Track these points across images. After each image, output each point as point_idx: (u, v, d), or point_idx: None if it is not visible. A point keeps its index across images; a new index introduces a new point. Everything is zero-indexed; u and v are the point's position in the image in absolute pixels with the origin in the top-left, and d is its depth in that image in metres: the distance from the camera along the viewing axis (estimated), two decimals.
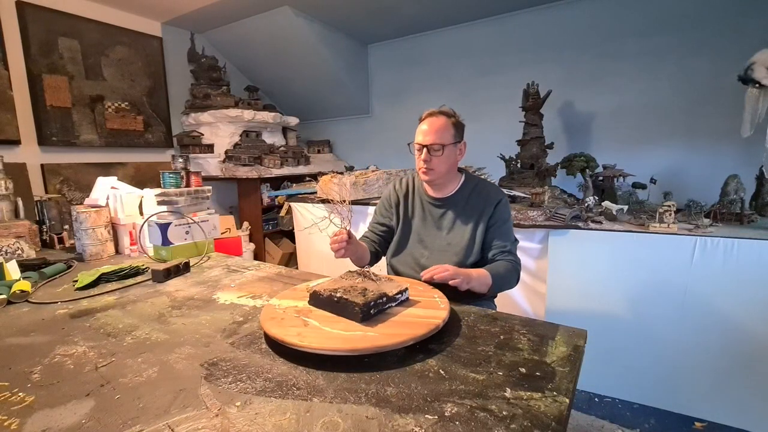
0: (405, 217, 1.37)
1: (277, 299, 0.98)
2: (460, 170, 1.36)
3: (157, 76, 3.13)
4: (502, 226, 1.26)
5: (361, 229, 2.60)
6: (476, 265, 1.24)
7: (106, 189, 1.70)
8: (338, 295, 0.87)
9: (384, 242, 1.42)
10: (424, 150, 1.22)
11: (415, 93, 3.59)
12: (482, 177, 1.49)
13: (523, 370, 0.70)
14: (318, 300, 0.91)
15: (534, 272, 2.02)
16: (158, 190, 1.63)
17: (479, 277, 1.10)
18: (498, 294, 1.40)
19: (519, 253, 2.10)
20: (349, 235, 1.14)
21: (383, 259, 1.44)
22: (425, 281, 1.06)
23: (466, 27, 3.24)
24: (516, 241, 1.31)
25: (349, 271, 1.04)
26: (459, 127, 1.27)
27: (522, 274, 2.08)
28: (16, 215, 1.81)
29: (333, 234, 1.14)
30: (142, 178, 2.98)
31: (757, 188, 1.95)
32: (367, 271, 1.01)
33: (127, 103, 2.95)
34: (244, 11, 2.98)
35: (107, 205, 1.66)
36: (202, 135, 3.25)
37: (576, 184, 2.48)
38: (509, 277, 1.21)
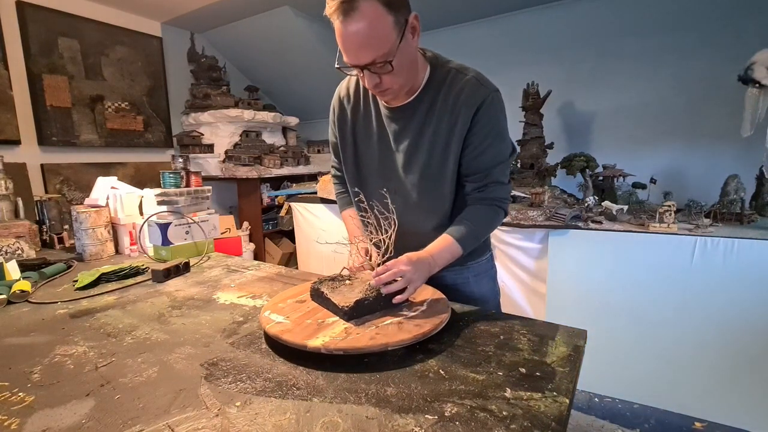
0: (354, 138, 1.00)
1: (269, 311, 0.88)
2: (424, 54, 0.93)
3: (157, 76, 3.13)
4: (484, 142, 0.88)
5: None
6: (456, 196, 0.96)
7: (106, 189, 1.70)
8: (327, 293, 0.87)
9: None
10: (366, 72, 0.83)
11: None
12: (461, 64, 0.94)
13: (523, 370, 0.70)
14: (316, 296, 0.92)
15: (534, 272, 2.02)
16: (158, 190, 1.63)
17: (442, 252, 0.88)
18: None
19: (519, 253, 2.14)
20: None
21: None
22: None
23: (466, 27, 3.24)
24: (513, 151, 0.94)
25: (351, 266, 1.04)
26: (395, 6, 0.78)
27: (522, 274, 2.10)
28: (16, 215, 1.81)
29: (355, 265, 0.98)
30: (142, 178, 2.98)
31: (757, 188, 1.95)
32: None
33: (127, 103, 2.95)
34: (244, 11, 2.98)
35: (107, 205, 1.65)
36: (202, 135, 3.25)
37: (576, 184, 2.47)
38: (489, 224, 0.93)
